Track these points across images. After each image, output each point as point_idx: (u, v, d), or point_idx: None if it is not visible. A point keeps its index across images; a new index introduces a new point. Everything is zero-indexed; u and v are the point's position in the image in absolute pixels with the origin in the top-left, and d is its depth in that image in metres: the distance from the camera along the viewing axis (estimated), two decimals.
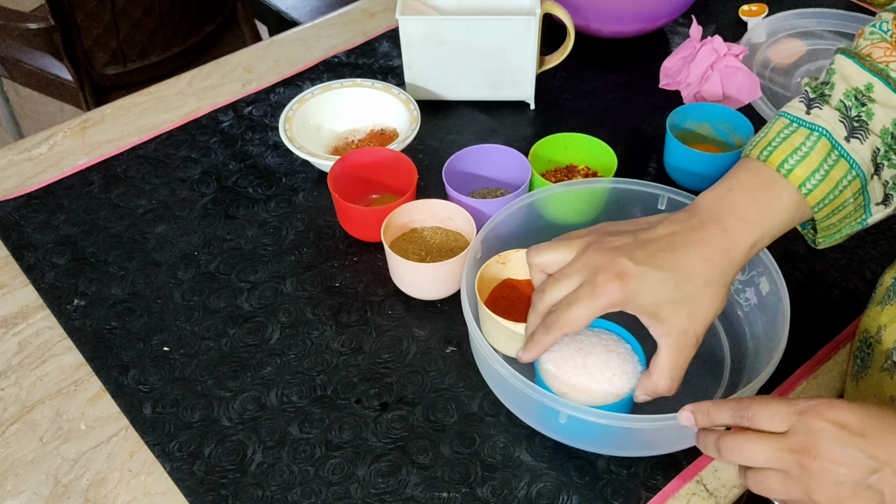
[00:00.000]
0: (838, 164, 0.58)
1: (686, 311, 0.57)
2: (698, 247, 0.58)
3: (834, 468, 0.48)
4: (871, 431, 0.48)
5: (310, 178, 0.89)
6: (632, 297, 0.56)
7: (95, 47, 1.52)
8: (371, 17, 1.13)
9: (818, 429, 0.48)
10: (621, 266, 0.57)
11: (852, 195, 0.59)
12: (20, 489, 0.65)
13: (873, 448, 0.47)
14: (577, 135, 0.84)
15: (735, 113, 0.86)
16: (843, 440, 0.48)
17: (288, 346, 0.73)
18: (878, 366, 0.63)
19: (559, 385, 0.63)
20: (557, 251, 0.61)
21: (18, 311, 0.78)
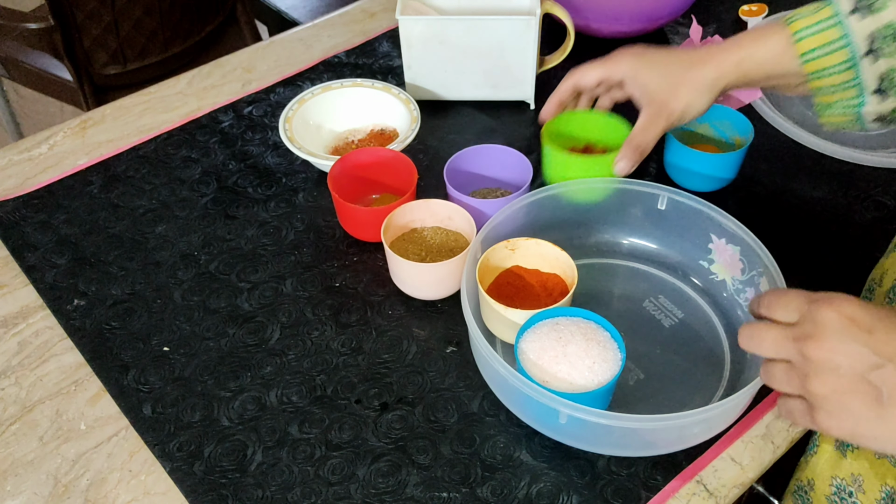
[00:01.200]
0: (834, 28, 0.64)
1: (667, 89, 0.72)
2: (693, 53, 0.72)
3: (835, 358, 0.47)
4: (878, 328, 0.47)
5: (310, 178, 0.89)
6: (634, 68, 0.74)
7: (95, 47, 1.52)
8: (371, 17, 1.13)
9: (826, 319, 0.48)
10: (635, 49, 0.75)
11: (841, 63, 0.64)
12: (20, 489, 0.65)
13: (879, 344, 0.47)
14: (594, 113, 0.83)
15: (735, 113, 0.86)
16: (850, 332, 0.47)
17: (288, 346, 0.73)
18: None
19: (540, 374, 0.63)
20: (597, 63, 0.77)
21: (18, 311, 0.78)
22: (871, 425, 0.46)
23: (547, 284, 0.73)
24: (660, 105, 0.72)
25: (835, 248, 0.81)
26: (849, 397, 0.47)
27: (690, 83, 0.71)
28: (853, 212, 0.85)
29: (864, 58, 0.63)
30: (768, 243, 0.71)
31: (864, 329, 0.47)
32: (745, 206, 0.86)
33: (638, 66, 0.74)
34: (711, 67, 0.70)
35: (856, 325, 0.47)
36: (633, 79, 0.74)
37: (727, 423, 0.66)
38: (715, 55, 0.70)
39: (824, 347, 0.48)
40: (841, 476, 0.66)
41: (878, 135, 0.94)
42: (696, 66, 0.71)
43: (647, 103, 0.73)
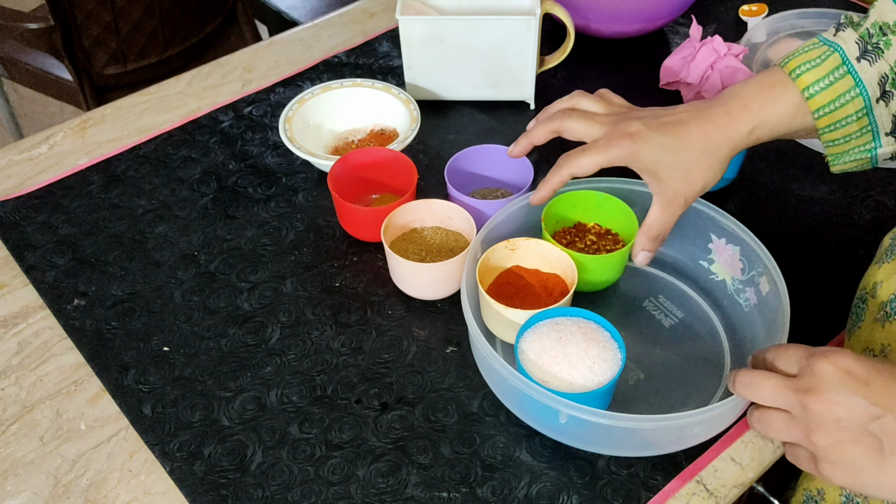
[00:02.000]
0: (844, 79, 0.62)
1: (680, 174, 0.66)
2: (702, 122, 0.66)
3: (836, 410, 0.49)
4: (875, 380, 0.49)
5: (310, 178, 0.89)
6: (637, 154, 0.66)
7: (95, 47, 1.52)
8: (371, 17, 1.13)
9: (824, 372, 0.50)
10: (635, 128, 0.67)
11: (855, 112, 0.63)
12: (20, 489, 0.65)
13: (877, 396, 0.48)
14: (589, 192, 0.76)
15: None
16: (848, 385, 0.49)
17: (288, 346, 0.73)
18: (870, 318, 0.64)
19: (540, 374, 0.63)
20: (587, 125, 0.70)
21: (18, 311, 0.78)
22: (874, 475, 0.48)
23: (547, 284, 0.73)
24: (674, 193, 0.67)
25: (834, 248, 0.81)
26: (850, 448, 0.48)
27: (703, 164, 0.66)
28: (853, 212, 0.85)
29: (877, 103, 0.62)
30: (768, 243, 0.71)
31: (862, 381, 0.49)
32: (745, 206, 0.86)
33: (640, 151, 0.66)
34: (725, 144, 0.65)
35: (853, 378, 0.49)
36: (639, 164, 0.67)
37: (727, 423, 0.66)
38: (726, 128, 0.65)
39: (824, 400, 0.49)
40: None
41: None
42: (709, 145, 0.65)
43: (660, 191, 0.67)
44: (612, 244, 0.76)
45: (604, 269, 0.73)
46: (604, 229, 0.77)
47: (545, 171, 0.89)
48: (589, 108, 0.73)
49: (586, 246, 0.75)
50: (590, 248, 0.75)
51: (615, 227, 0.77)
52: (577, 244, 0.76)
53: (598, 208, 0.76)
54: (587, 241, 0.76)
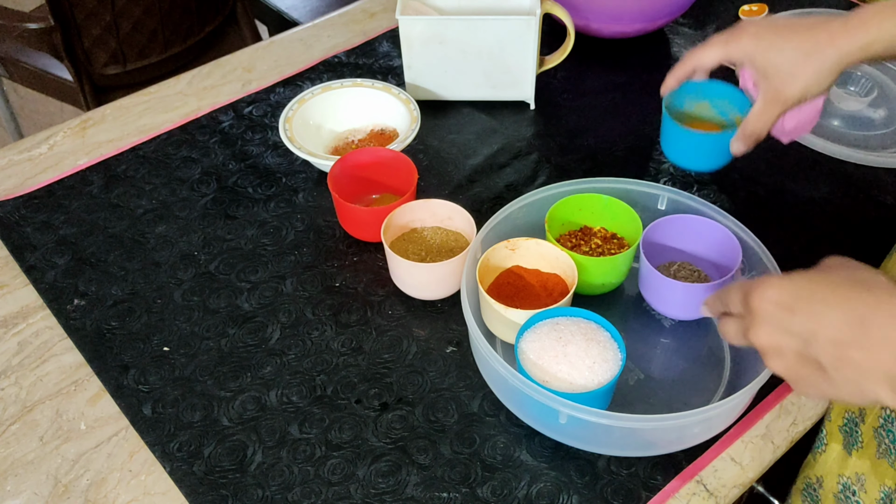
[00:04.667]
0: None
1: (785, 73, 0.68)
2: (816, 30, 0.67)
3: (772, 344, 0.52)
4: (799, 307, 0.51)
5: (310, 178, 0.89)
6: (753, 50, 0.70)
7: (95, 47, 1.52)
8: (371, 17, 1.13)
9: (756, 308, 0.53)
10: (755, 28, 0.71)
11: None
12: (20, 489, 0.65)
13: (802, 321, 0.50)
14: (594, 195, 0.76)
15: (734, 90, 0.80)
16: (776, 318, 0.52)
17: (288, 346, 0.73)
18: None
19: (540, 374, 0.63)
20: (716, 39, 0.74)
21: (18, 311, 0.78)
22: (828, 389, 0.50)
23: (547, 284, 0.73)
24: (776, 90, 0.69)
25: (834, 248, 0.81)
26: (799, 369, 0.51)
27: (810, 68, 0.67)
28: (853, 212, 0.85)
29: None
30: (768, 243, 0.71)
31: (787, 310, 0.51)
32: (745, 206, 0.86)
33: (757, 47, 0.70)
34: (834, 51, 0.66)
35: (780, 308, 0.52)
36: (752, 61, 0.71)
37: (727, 423, 0.66)
38: (839, 36, 0.66)
39: (761, 336, 0.52)
40: (847, 474, 0.66)
41: (878, 135, 0.94)
42: (818, 50, 0.67)
43: (764, 88, 0.71)
44: (617, 248, 0.75)
45: (606, 272, 0.73)
46: (609, 233, 0.77)
47: (546, 171, 0.89)
48: None
49: (591, 249, 0.75)
50: (594, 252, 0.75)
51: (621, 231, 0.77)
52: (581, 247, 0.76)
53: (603, 211, 0.76)
54: (592, 245, 0.76)
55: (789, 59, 0.68)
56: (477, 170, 0.90)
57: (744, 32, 0.71)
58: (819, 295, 0.51)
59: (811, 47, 0.68)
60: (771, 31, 0.70)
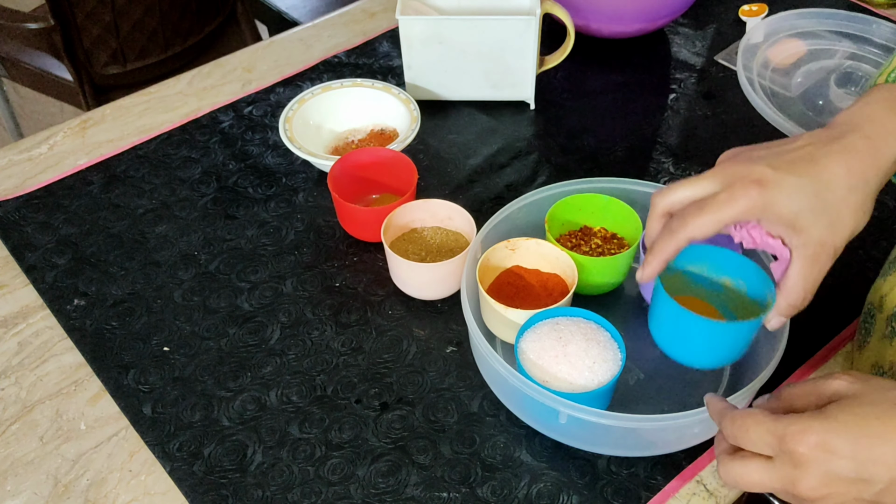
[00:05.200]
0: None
1: (826, 220, 0.54)
2: (840, 155, 0.54)
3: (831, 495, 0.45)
4: (859, 452, 0.44)
5: (310, 178, 0.89)
6: (770, 203, 0.54)
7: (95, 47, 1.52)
8: (371, 17, 1.13)
9: (805, 458, 0.45)
10: (760, 173, 0.54)
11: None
12: (20, 489, 0.65)
13: (867, 467, 0.44)
14: (595, 195, 0.75)
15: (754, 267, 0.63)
16: (834, 466, 0.45)
17: (288, 346, 0.73)
18: (879, 334, 0.63)
19: (540, 374, 0.63)
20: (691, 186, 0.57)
21: (18, 311, 0.78)
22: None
23: (547, 284, 0.73)
24: (820, 245, 0.55)
25: None
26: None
27: (854, 206, 0.54)
28: None
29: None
30: None
31: (847, 457, 0.44)
32: None
33: (774, 197, 0.54)
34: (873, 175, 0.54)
35: (837, 456, 0.45)
36: (774, 216, 0.55)
37: None
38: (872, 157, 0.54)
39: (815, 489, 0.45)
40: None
41: None
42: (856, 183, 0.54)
43: (802, 244, 0.55)
44: (618, 248, 0.75)
45: (606, 272, 0.73)
46: (609, 233, 0.77)
47: (546, 171, 0.89)
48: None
49: (591, 250, 0.75)
50: (594, 252, 0.75)
51: (621, 231, 0.76)
52: (581, 248, 0.76)
53: (604, 211, 0.76)
54: (592, 245, 0.76)
55: (828, 200, 0.54)
56: (477, 170, 0.90)
57: (748, 182, 0.54)
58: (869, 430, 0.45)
59: (848, 179, 0.54)
60: (783, 170, 0.54)
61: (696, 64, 1.04)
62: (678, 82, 1.01)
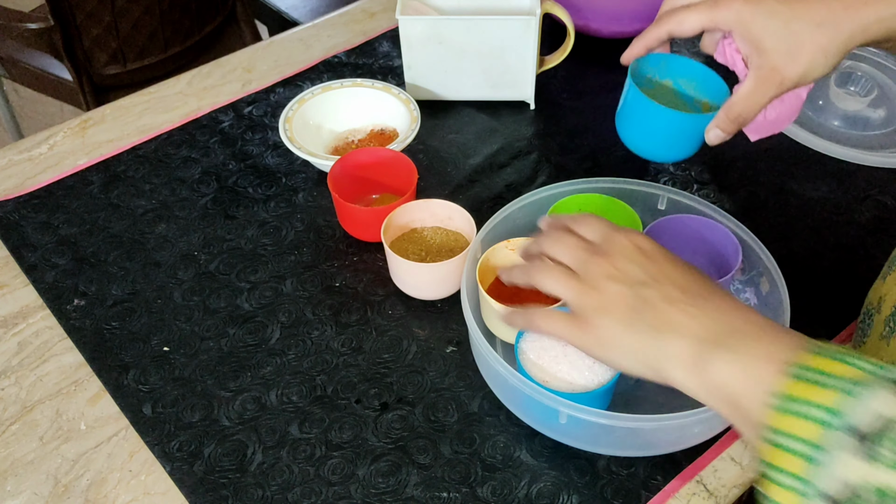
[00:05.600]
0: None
1: (786, 48, 0.58)
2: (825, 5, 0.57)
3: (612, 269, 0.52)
4: (657, 258, 0.53)
5: (310, 178, 0.89)
6: (746, 20, 0.59)
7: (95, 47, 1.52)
8: (371, 17, 1.13)
9: (620, 243, 0.54)
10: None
11: None
12: (20, 489, 0.65)
13: (652, 270, 0.52)
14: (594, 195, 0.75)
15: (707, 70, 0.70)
16: (633, 255, 0.53)
17: (288, 346, 0.73)
18: (876, 334, 0.63)
19: (540, 374, 0.63)
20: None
21: (18, 311, 0.78)
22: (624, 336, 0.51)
23: None
24: (772, 69, 0.59)
25: (835, 248, 0.81)
26: (614, 303, 0.51)
27: (816, 45, 0.57)
28: (853, 212, 0.85)
29: None
30: (768, 243, 0.71)
31: (646, 256, 0.53)
32: (745, 206, 0.86)
33: (751, 14, 0.59)
34: (845, 25, 0.57)
35: (640, 252, 0.53)
36: (745, 31, 0.59)
37: (727, 423, 0.66)
38: (856, 7, 0.56)
39: (609, 262, 0.53)
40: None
41: (878, 135, 0.94)
42: (826, 24, 0.57)
43: (758, 65, 0.60)
44: None
45: None
46: None
47: (546, 170, 0.89)
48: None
49: None
50: None
51: None
52: None
53: (604, 211, 0.76)
54: None
55: (795, 30, 0.57)
56: (477, 170, 0.90)
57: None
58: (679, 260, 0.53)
59: (823, 17, 0.57)
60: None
61: None
62: None
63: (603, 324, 0.51)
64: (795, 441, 0.41)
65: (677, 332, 0.49)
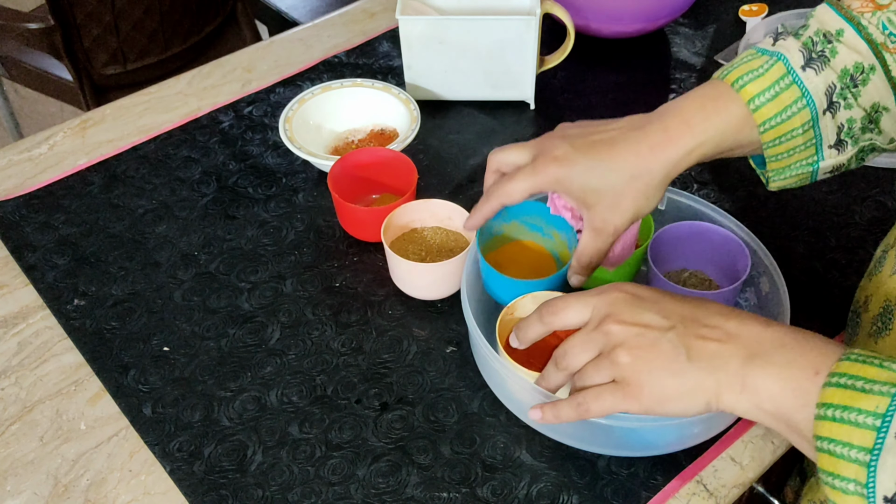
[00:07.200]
0: (790, 89, 0.59)
1: (609, 201, 0.61)
2: (635, 142, 0.60)
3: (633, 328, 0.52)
4: (660, 301, 0.54)
5: (310, 178, 0.89)
6: (564, 178, 0.61)
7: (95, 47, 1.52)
8: (371, 17, 1.13)
9: (616, 299, 0.54)
10: (562, 151, 0.61)
11: (801, 126, 0.59)
12: (20, 489, 0.65)
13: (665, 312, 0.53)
14: None
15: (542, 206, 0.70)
16: (640, 305, 0.53)
17: (288, 346, 0.73)
18: (864, 333, 0.63)
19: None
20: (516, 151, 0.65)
21: (18, 311, 0.78)
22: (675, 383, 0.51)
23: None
24: (602, 221, 0.62)
25: (835, 249, 0.81)
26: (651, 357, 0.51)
27: (636, 192, 0.60)
28: (853, 212, 0.85)
29: (824, 115, 0.59)
30: (768, 243, 0.71)
31: (651, 301, 0.54)
32: (745, 206, 0.86)
33: (567, 176, 0.61)
34: (658, 167, 0.60)
35: (640, 300, 0.54)
36: (567, 191, 0.62)
37: (727, 423, 0.66)
38: (659, 149, 0.60)
39: (621, 320, 0.53)
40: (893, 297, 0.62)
41: None
42: (639, 174, 0.60)
43: (589, 219, 0.63)
44: None
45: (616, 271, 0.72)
46: None
47: None
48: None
49: None
50: None
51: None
52: None
53: None
54: None
55: (611, 184, 0.60)
56: (477, 170, 0.90)
57: (549, 159, 0.61)
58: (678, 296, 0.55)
59: (633, 167, 0.60)
60: (580, 151, 0.61)
61: (696, 64, 1.04)
62: (678, 82, 1.01)
63: (650, 381, 0.52)
64: (850, 448, 0.44)
65: (719, 361, 0.50)
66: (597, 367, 0.54)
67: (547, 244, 0.74)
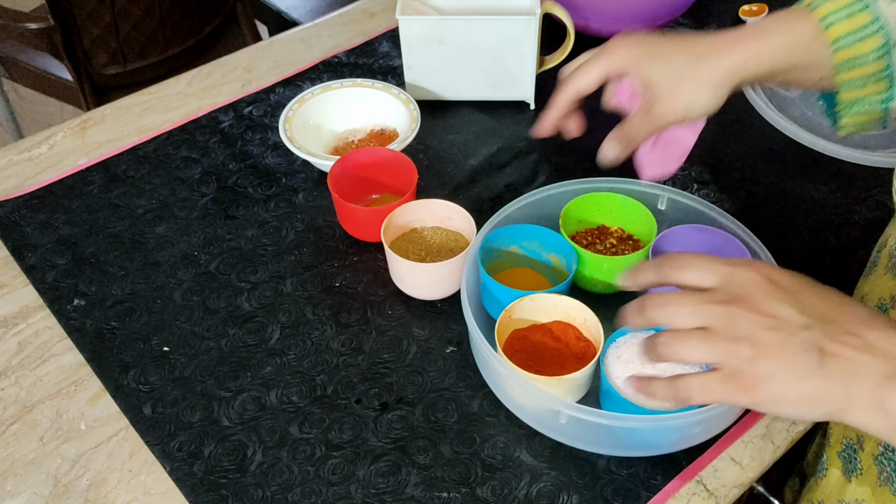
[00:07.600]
0: (864, 12, 0.58)
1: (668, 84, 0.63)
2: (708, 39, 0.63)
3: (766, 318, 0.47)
4: (801, 292, 0.48)
5: (310, 178, 0.89)
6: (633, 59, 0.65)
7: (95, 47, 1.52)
8: (371, 17, 1.13)
9: (751, 280, 0.48)
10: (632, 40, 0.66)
11: (872, 52, 0.59)
12: (20, 489, 0.65)
13: (804, 306, 0.47)
14: (611, 195, 0.76)
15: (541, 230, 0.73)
16: (777, 294, 0.47)
17: (288, 346, 0.73)
18: None
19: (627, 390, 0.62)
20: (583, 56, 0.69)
21: (18, 311, 0.78)
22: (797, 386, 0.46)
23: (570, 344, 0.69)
24: (658, 99, 0.64)
25: (835, 249, 0.81)
26: (778, 356, 0.46)
27: (697, 78, 0.62)
28: (853, 212, 0.85)
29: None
30: (768, 243, 0.71)
31: (789, 292, 0.48)
32: (745, 206, 0.86)
33: (639, 56, 0.64)
34: (724, 60, 0.61)
35: (779, 288, 0.48)
36: (635, 70, 0.65)
37: (727, 423, 0.66)
38: (730, 45, 0.62)
39: (753, 307, 0.47)
40: (847, 501, 0.64)
41: (877, 135, 0.94)
42: (705, 58, 0.62)
43: (646, 98, 0.65)
44: (632, 249, 0.76)
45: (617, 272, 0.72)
46: (626, 234, 0.77)
47: (546, 170, 0.89)
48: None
49: (605, 249, 0.75)
50: (608, 252, 0.75)
51: (637, 233, 0.77)
52: (596, 246, 0.76)
53: (621, 212, 0.76)
54: (607, 244, 0.76)
55: (675, 67, 0.62)
56: (477, 170, 0.90)
57: (621, 43, 0.65)
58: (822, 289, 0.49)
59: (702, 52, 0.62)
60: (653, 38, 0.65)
61: None
62: None
63: (770, 377, 0.47)
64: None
65: (855, 373, 0.46)
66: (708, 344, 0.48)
67: (545, 271, 0.75)
